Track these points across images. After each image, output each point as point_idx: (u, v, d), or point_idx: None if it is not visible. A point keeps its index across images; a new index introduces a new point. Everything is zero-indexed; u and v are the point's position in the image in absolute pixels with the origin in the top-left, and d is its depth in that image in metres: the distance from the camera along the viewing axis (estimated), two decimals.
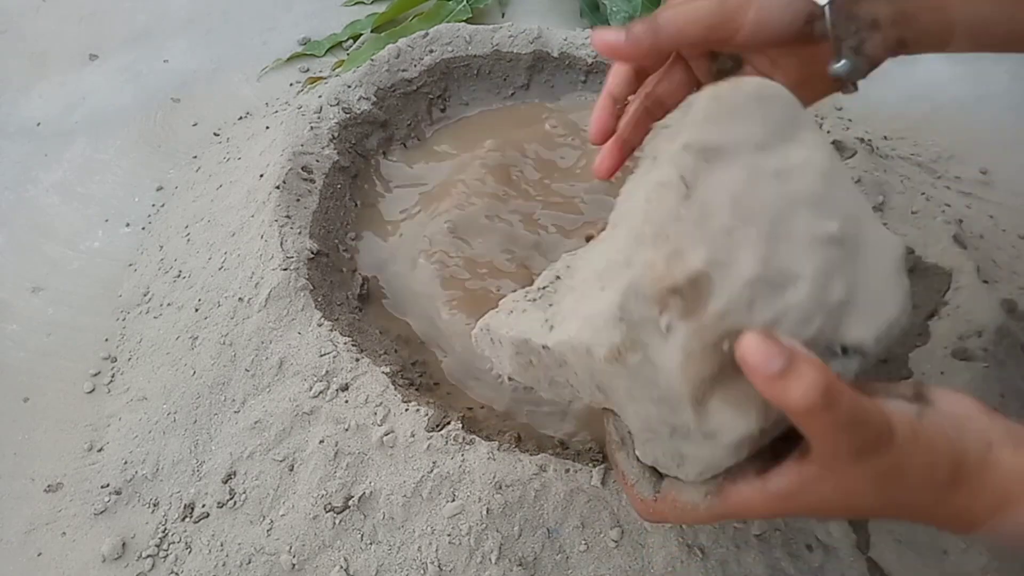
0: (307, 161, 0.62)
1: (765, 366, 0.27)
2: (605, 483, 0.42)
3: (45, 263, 0.68)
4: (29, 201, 0.74)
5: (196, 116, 0.83)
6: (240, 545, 0.46)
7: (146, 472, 0.51)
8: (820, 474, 0.32)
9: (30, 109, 0.84)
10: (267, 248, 0.55)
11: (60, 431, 0.56)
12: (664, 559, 0.41)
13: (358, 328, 0.53)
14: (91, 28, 0.96)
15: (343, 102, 0.67)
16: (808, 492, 0.32)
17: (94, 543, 0.49)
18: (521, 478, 0.42)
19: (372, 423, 0.46)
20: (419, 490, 0.43)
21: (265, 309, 0.52)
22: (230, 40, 0.94)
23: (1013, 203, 0.70)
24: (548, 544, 0.42)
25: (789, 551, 0.43)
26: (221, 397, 0.51)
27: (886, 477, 0.31)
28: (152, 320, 0.60)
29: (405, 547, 0.43)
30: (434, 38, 0.73)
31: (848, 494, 0.32)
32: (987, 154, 0.74)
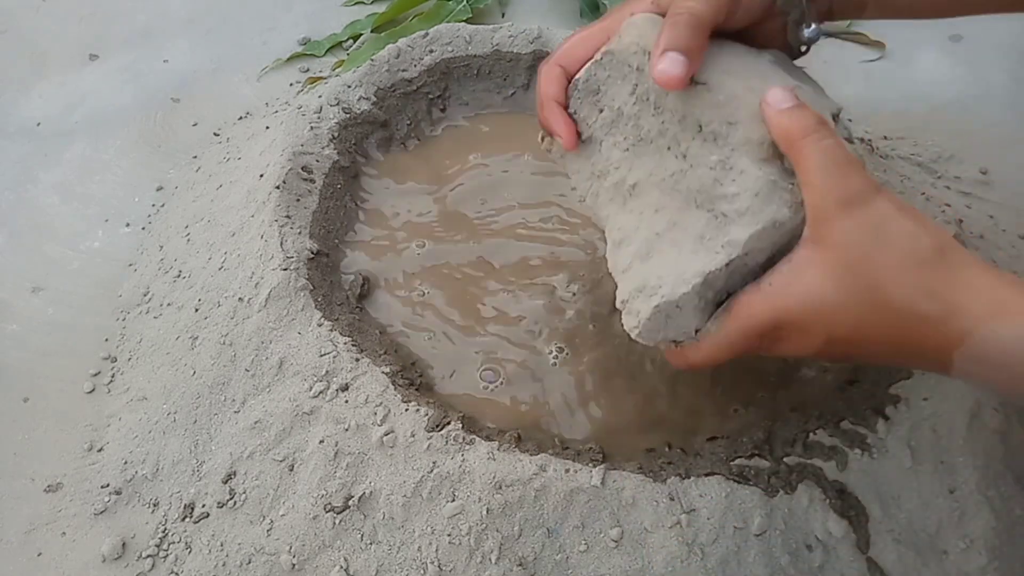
0: (307, 161, 0.62)
1: (779, 102, 0.35)
2: (605, 483, 0.42)
3: (45, 263, 0.68)
4: (29, 201, 0.74)
5: (196, 116, 0.83)
6: (240, 545, 0.46)
7: (146, 472, 0.51)
8: (810, 255, 0.34)
9: (30, 109, 0.84)
10: (267, 248, 0.55)
11: (60, 431, 0.56)
12: (664, 559, 0.41)
13: (358, 328, 0.53)
14: (91, 28, 0.96)
15: (343, 102, 0.67)
16: (800, 279, 0.34)
17: (94, 543, 0.49)
18: (521, 478, 0.42)
19: (372, 423, 0.46)
20: (419, 490, 0.43)
21: (265, 309, 0.52)
22: (230, 40, 0.94)
23: (1013, 203, 0.70)
24: (548, 544, 0.42)
25: (789, 551, 0.43)
26: (221, 397, 0.51)
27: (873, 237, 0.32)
28: (152, 320, 0.60)
29: (405, 547, 0.43)
30: (434, 38, 0.73)
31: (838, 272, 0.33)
32: (987, 154, 0.74)
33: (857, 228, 0.32)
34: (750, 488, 0.43)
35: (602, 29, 0.43)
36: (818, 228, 0.34)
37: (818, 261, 0.33)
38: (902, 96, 0.82)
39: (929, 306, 0.31)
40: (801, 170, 0.34)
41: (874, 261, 0.32)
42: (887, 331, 0.33)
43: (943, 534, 0.44)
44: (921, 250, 0.32)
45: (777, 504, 0.43)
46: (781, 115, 0.34)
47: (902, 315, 0.32)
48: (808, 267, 0.34)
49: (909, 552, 0.44)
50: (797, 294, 0.34)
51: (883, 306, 0.32)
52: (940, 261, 0.32)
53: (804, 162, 0.34)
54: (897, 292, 0.32)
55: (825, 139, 0.33)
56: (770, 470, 0.44)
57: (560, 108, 0.44)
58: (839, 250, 0.33)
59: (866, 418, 0.46)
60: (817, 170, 0.33)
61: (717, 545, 0.42)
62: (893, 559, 0.43)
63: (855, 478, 0.44)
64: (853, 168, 0.33)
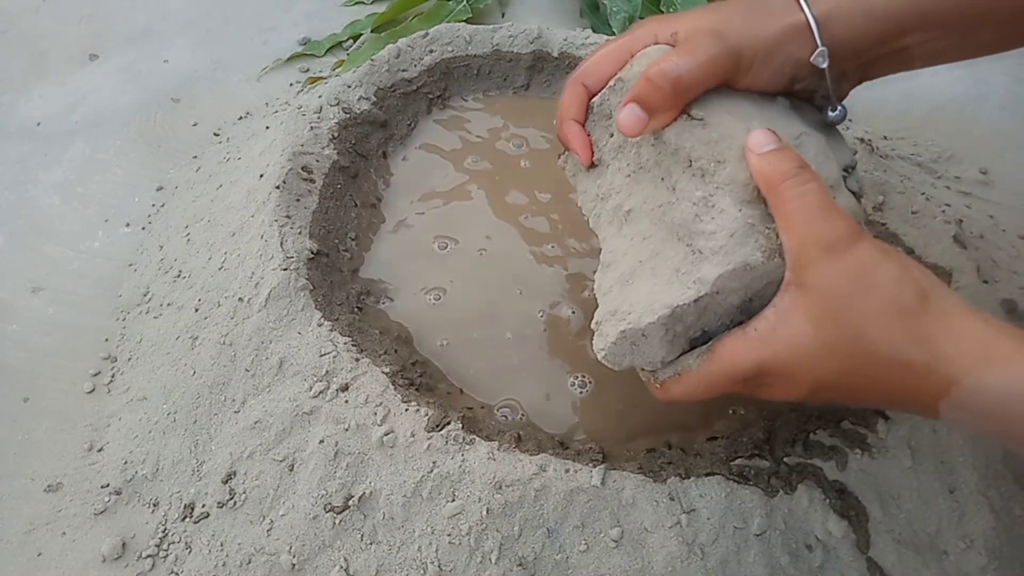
0: (307, 161, 0.62)
1: (759, 145, 0.35)
2: (605, 483, 0.42)
3: (45, 263, 0.68)
4: (29, 201, 0.74)
5: (196, 116, 0.83)
6: (240, 545, 0.46)
7: (146, 472, 0.51)
8: (793, 300, 0.34)
9: (30, 109, 0.84)
10: (267, 248, 0.55)
11: (60, 431, 0.56)
12: (664, 559, 0.41)
13: (358, 328, 0.53)
14: (91, 28, 0.96)
15: (343, 102, 0.67)
16: (785, 326, 0.34)
17: (94, 543, 0.49)
18: (521, 478, 0.42)
19: (372, 423, 0.46)
20: (419, 490, 0.43)
21: (265, 309, 0.52)
22: (230, 40, 0.94)
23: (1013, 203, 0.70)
24: (548, 544, 0.42)
25: (789, 551, 0.43)
26: (221, 397, 0.51)
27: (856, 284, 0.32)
28: (152, 320, 0.60)
29: (405, 547, 0.43)
30: (434, 38, 0.73)
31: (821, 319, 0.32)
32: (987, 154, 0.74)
33: (839, 274, 0.32)
34: (750, 488, 0.43)
35: (624, 45, 0.42)
36: (800, 273, 0.33)
37: (801, 308, 0.33)
38: (902, 96, 0.82)
39: (914, 355, 0.31)
40: (779, 215, 0.34)
41: (857, 309, 0.32)
42: (873, 379, 0.32)
43: (943, 534, 0.44)
44: (904, 297, 0.31)
45: (777, 504, 0.43)
46: (761, 159, 0.34)
47: (887, 364, 0.32)
48: (792, 314, 0.33)
49: (909, 552, 0.44)
50: (781, 341, 0.34)
51: (868, 355, 0.32)
52: (924, 308, 0.31)
53: (783, 207, 0.33)
54: (881, 341, 0.31)
55: (805, 184, 0.33)
56: (770, 470, 0.44)
57: (578, 127, 0.44)
58: (822, 297, 0.32)
59: (866, 418, 0.46)
60: (796, 215, 0.33)
61: (717, 545, 0.42)
62: (893, 559, 0.43)
63: (855, 478, 0.44)
64: (834, 213, 0.33)
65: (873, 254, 0.32)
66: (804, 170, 0.33)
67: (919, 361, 0.31)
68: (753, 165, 0.35)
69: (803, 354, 0.33)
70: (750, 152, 0.35)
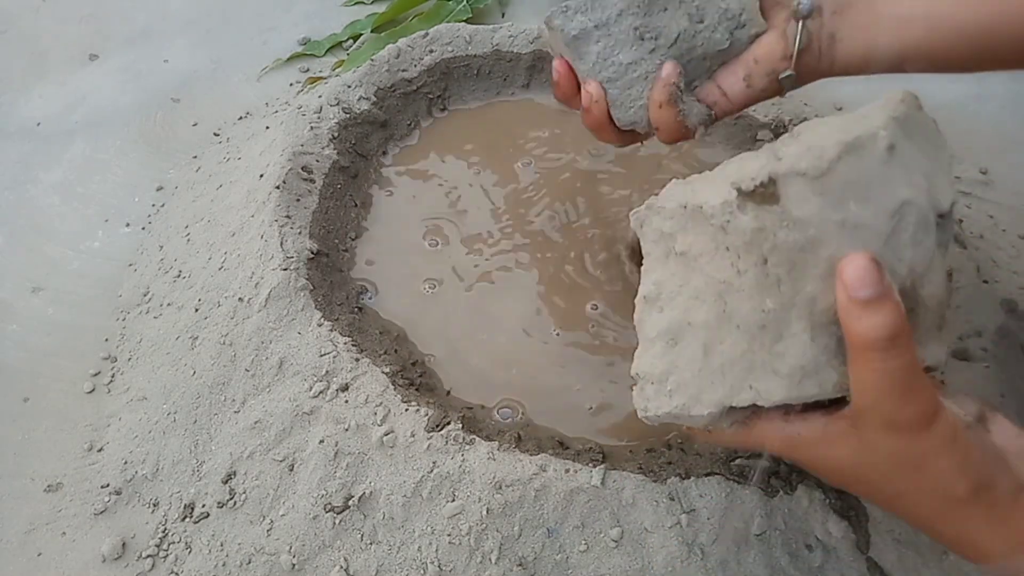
0: (307, 161, 0.62)
1: (856, 287, 0.29)
2: (605, 483, 0.42)
3: (45, 263, 0.68)
4: (29, 201, 0.74)
5: (196, 116, 0.83)
6: (240, 545, 0.46)
7: (146, 472, 0.51)
8: (844, 432, 0.32)
9: (30, 109, 0.84)
10: (267, 248, 0.55)
11: (60, 431, 0.56)
12: (664, 559, 0.41)
13: (358, 328, 0.53)
14: (91, 28, 0.96)
15: (343, 102, 0.67)
16: (825, 446, 0.32)
17: (94, 543, 0.49)
18: (521, 478, 0.42)
19: (372, 423, 0.46)
20: (419, 490, 0.43)
21: (265, 309, 0.52)
22: (230, 40, 0.94)
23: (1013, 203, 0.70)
24: (548, 544, 0.42)
25: (789, 551, 0.43)
26: (221, 397, 0.51)
27: (907, 462, 0.30)
28: (152, 320, 0.60)
29: (405, 547, 0.43)
30: (434, 38, 0.73)
31: (863, 465, 0.31)
32: (987, 154, 0.74)
33: (896, 452, 0.30)
34: (750, 488, 0.43)
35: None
36: (859, 423, 0.31)
37: (848, 447, 0.32)
38: None
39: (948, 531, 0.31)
40: (855, 374, 0.30)
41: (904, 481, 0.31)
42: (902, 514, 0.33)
43: None
44: (956, 488, 0.30)
45: (777, 504, 0.43)
46: (852, 309, 0.29)
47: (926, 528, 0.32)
48: (836, 444, 0.32)
49: (909, 552, 0.44)
50: (821, 459, 0.33)
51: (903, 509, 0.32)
52: (974, 499, 0.30)
53: (860, 370, 0.30)
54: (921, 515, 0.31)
55: (892, 360, 0.29)
56: (770, 470, 0.44)
57: None
58: (873, 455, 0.31)
59: None
60: (872, 385, 0.30)
61: (717, 545, 0.42)
62: (893, 559, 0.43)
63: None
64: (911, 395, 0.29)
65: (937, 444, 0.30)
66: (896, 343, 0.29)
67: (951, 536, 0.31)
68: (842, 307, 0.30)
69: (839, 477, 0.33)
70: (842, 286, 0.29)
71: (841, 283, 0.29)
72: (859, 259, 0.29)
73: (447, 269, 0.59)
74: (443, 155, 0.68)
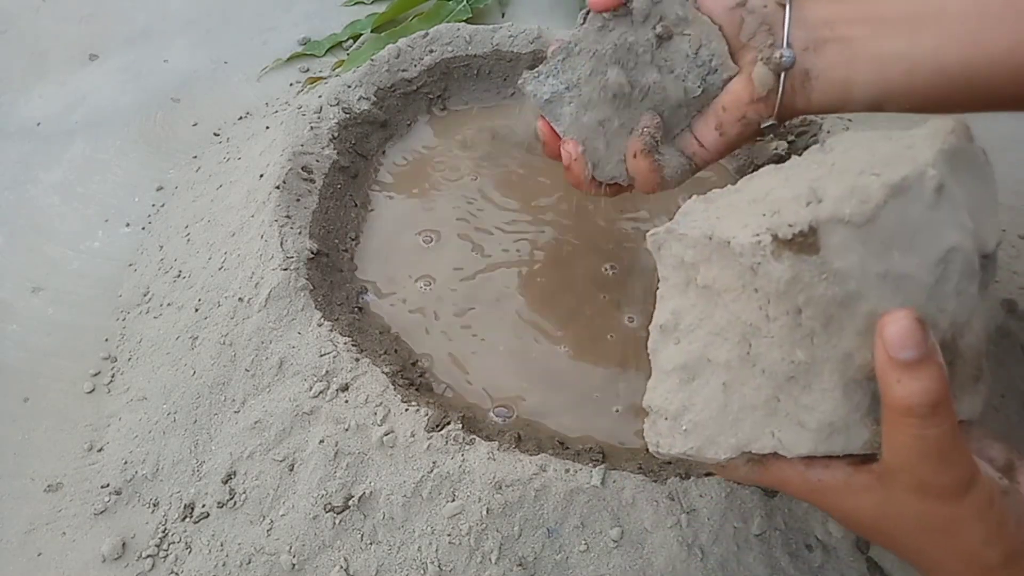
0: (307, 161, 0.62)
1: (897, 348, 0.27)
2: (605, 483, 0.42)
3: (45, 263, 0.68)
4: (29, 201, 0.74)
5: (196, 116, 0.83)
6: (240, 545, 0.46)
7: (146, 472, 0.51)
8: (870, 486, 0.30)
9: (30, 109, 0.84)
10: (267, 248, 0.55)
11: (60, 431, 0.56)
12: (664, 559, 0.41)
13: (358, 328, 0.53)
14: (91, 28, 0.96)
15: (343, 102, 0.67)
16: (848, 496, 0.31)
17: (94, 543, 0.49)
18: (521, 478, 0.42)
19: (372, 423, 0.46)
20: (419, 490, 0.43)
21: (265, 309, 0.52)
22: (230, 40, 0.94)
23: (1013, 203, 0.70)
24: (548, 544, 0.42)
25: (789, 551, 0.43)
26: (221, 397, 0.51)
27: (936, 527, 0.29)
28: (152, 320, 0.60)
29: (405, 547, 0.43)
30: (434, 38, 0.73)
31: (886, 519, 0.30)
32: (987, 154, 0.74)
33: (927, 515, 0.29)
34: (750, 488, 0.43)
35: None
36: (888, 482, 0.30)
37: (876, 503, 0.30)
38: None
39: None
40: (889, 439, 0.29)
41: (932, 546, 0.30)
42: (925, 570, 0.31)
43: None
44: (987, 556, 0.29)
45: (777, 504, 0.43)
46: (892, 371, 0.27)
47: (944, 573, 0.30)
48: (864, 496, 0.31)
49: None
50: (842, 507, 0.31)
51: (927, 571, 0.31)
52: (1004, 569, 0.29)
53: (897, 435, 0.28)
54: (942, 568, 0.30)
55: (932, 428, 0.27)
56: None
57: None
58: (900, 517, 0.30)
59: None
60: (907, 452, 0.28)
61: (717, 545, 0.42)
62: (893, 559, 0.43)
63: None
64: (947, 464, 0.28)
65: (971, 513, 0.29)
66: (937, 411, 0.27)
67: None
68: (880, 366, 0.28)
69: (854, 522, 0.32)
70: (882, 345, 0.27)
71: (881, 341, 0.27)
72: (902, 317, 0.27)
73: (447, 269, 0.59)
74: (443, 155, 0.68)
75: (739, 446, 0.33)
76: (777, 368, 0.31)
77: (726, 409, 0.33)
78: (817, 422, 0.30)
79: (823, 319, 0.29)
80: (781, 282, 0.29)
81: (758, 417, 0.32)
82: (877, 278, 0.28)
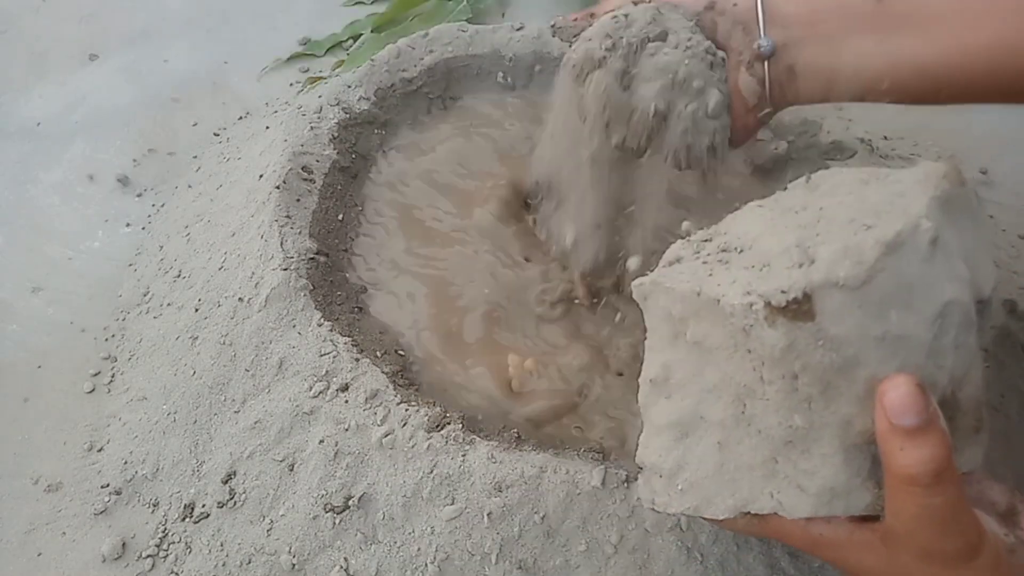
0: (307, 161, 0.62)
1: (899, 415, 0.26)
2: (605, 484, 0.42)
3: (45, 263, 0.68)
4: (29, 201, 0.74)
5: (196, 116, 0.83)
6: (240, 545, 0.46)
7: (146, 472, 0.51)
8: (872, 545, 0.30)
9: (30, 109, 0.84)
10: (267, 248, 0.55)
11: (60, 431, 0.56)
12: (664, 560, 0.41)
13: (358, 328, 0.53)
14: (91, 28, 0.96)
15: (343, 102, 0.67)
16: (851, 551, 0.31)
17: (94, 543, 0.49)
18: (521, 478, 0.42)
19: (372, 423, 0.46)
20: (419, 490, 0.43)
21: (265, 309, 0.52)
22: (230, 40, 0.93)
23: (1013, 203, 0.70)
24: (548, 545, 0.42)
25: (789, 551, 0.43)
26: (221, 397, 0.51)
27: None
28: (152, 320, 0.60)
29: (405, 547, 0.43)
30: (434, 38, 0.73)
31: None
32: (987, 154, 0.74)
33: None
34: None
35: None
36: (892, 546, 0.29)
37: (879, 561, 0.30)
38: None
39: None
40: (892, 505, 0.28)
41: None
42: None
43: None
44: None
45: None
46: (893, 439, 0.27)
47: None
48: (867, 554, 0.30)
49: None
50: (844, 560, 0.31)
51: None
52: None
53: (900, 503, 0.28)
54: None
55: (937, 496, 0.27)
56: None
57: None
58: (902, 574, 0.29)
59: None
60: (911, 520, 0.28)
61: (717, 545, 0.42)
62: None
63: None
64: (954, 531, 0.27)
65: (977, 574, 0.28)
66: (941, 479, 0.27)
67: None
68: (881, 434, 0.27)
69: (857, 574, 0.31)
70: (882, 412, 0.27)
71: (881, 408, 0.27)
72: (902, 383, 0.26)
73: (448, 269, 0.59)
74: (443, 155, 0.68)
75: (738, 507, 0.32)
76: (774, 432, 0.30)
77: (722, 468, 0.32)
78: (818, 487, 0.30)
79: (820, 385, 0.28)
80: (776, 349, 0.28)
81: (756, 478, 0.31)
82: (875, 341, 0.27)
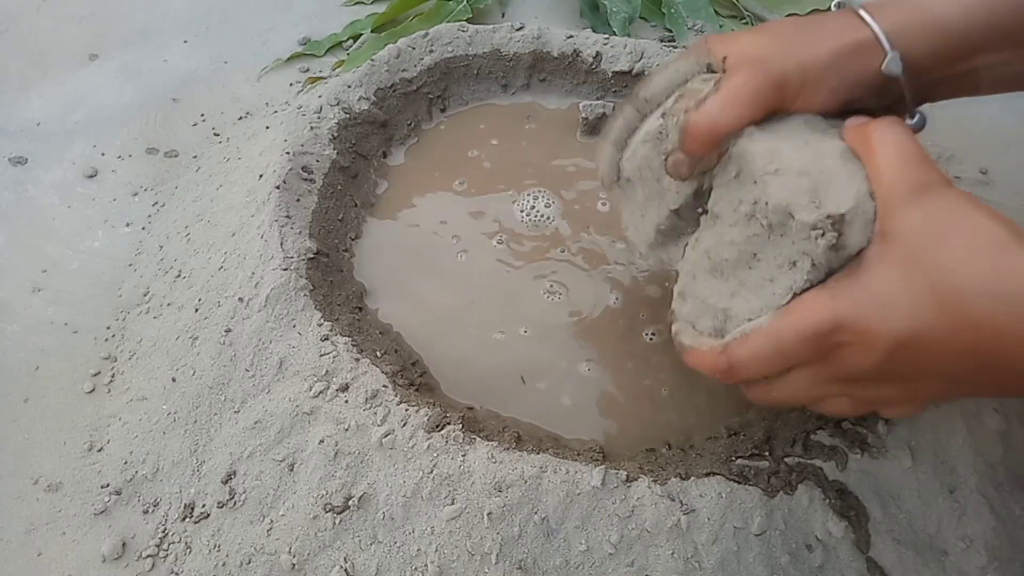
0: (307, 161, 0.62)
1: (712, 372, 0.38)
2: (605, 484, 0.42)
3: (45, 263, 0.68)
4: (29, 201, 0.74)
5: (196, 116, 0.83)
6: (240, 545, 0.46)
7: (146, 472, 0.51)
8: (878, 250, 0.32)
9: (30, 109, 0.84)
10: (267, 248, 0.55)
11: (60, 431, 0.56)
12: (664, 559, 0.41)
13: (358, 328, 0.53)
14: (91, 28, 0.96)
15: (343, 102, 0.67)
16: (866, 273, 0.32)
17: (94, 543, 0.49)
18: (521, 478, 0.42)
19: (372, 423, 0.46)
20: (419, 490, 0.43)
21: (265, 309, 0.52)
22: (230, 40, 0.93)
23: (1013, 203, 0.70)
24: (548, 545, 0.42)
25: (789, 551, 0.43)
26: (221, 397, 0.51)
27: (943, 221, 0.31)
28: (152, 320, 0.60)
29: (405, 547, 0.43)
30: (434, 38, 0.73)
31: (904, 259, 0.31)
32: (987, 154, 0.74)
33: (925, 216, 0.31)
34: (750, 488, 0.43)
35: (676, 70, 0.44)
36: (887, 221, 0.32)
37: (885, 256, 0.32)
38: None
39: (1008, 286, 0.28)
40: (871, 166, 0.34)
41: (945, 245, 0.30)
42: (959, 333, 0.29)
43: (943, 534, 0.44)
44: (996, 233, 0.30)
45: (777, 504, 0.43)
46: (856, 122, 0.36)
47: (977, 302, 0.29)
48: (875, 263, 0.32)
49: (909, 552, 0.44)
50: (861, 290, 0.32)
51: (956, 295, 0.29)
52: (1018, 243, 0.29)
53: (875, 155, 0.34)
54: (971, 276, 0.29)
55: (897, 132, 0.34)
56: (770, 470, 0.44)
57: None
58: (907, 239, 0.31)
59: (866, 418, 0.46)
60: (887, 160, 0.33)
61: (717, 545, 0.42)
62: (893, 559, 0.43)
63: (855, 478, 0.44)
64: (925, 162, 0.33)
65: (961, 200, 0.31)
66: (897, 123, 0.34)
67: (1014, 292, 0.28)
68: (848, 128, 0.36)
69: (884, 302, 0.31)
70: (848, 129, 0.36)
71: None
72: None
73: (447, 269, 0.59)
74: (443, 155, 0.68)
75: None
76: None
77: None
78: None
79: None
80: None
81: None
82: None
